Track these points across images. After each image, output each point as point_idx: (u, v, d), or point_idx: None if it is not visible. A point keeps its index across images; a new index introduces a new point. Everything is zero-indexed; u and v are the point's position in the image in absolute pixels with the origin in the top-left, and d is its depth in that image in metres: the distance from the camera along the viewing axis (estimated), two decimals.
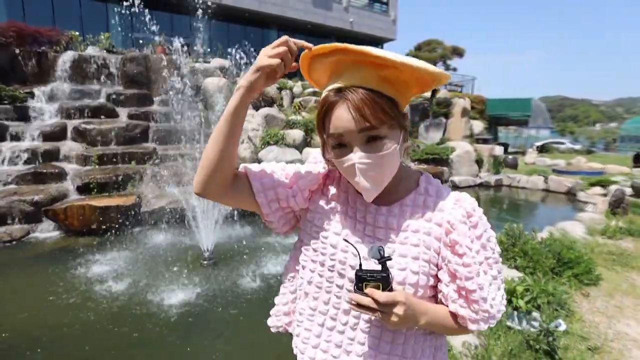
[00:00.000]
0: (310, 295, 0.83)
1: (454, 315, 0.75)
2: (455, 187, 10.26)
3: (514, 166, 13.00)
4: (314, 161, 0.88)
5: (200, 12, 10.07)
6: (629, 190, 7.48)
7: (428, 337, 0.79)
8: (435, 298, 0.78)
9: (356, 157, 0.69)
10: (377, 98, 0.68)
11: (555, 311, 2.45)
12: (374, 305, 0.64)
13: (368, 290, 0.66)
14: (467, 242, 0.71)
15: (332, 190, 0.85)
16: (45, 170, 6.11)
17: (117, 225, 5.26)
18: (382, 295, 0.64)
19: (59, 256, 4.46)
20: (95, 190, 5.92)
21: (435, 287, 0.77)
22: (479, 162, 11.44)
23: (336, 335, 0.79)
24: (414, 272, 0.73)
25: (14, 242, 4.92)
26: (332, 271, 0.79)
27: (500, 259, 0.77)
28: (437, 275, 0.76)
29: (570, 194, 9.47)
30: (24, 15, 12.74)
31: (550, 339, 2.13)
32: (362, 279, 0.67)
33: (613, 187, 8.28)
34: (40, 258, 4.44)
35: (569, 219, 5.70)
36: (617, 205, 5.71)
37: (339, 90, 0.70)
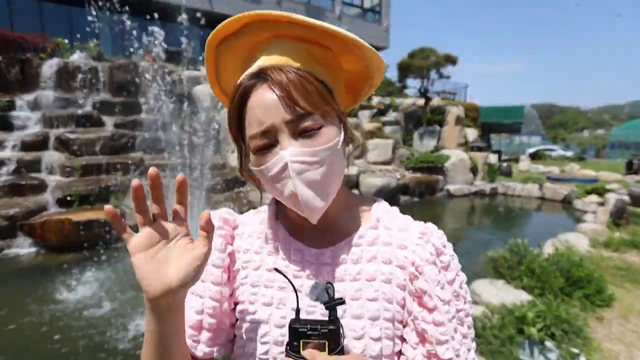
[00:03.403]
0: None
1: None
2: (450, 195, 10.13)
3: (508, 174, 12.95)
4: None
5: (191, 20, 9.90)
6: (626, 199, 7.39)
7: None
8: None
9: (288, 153, 0.50)
10: (308, 77, 0.51)
11: (571, 340, 2.25)
12: None
13: (307, 352, 0.45)
14: (438, 292, 0.54)
15: (247, 245, 0.63)
16: (24, 182, 5.80)
17: (98, 241, 4.95)
18: None
19: (33, 275, 4.16)
20: (77, 203, 5.62)
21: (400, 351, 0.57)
22: (474, 170, 11.35)
23: None
24: (375, 339, 0.54)
25: None
26: (265, 350, 0.56)
27: (471, 311, 0.59)
28: (402, 335, 0.57)
29: (566, 202, 9.40)
30: (12, 23, 12.44)
31: None
32: (299, 334, 0.46)
33: (609, 196, 8.22)
34: (12, 277, 4.15)
35: (568, 228, 5.57)
36: (619, 216, 5.59)
37: (255, 75, 0.52)
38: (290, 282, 0.51)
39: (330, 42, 0.55)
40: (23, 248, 4.95)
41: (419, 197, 9.41)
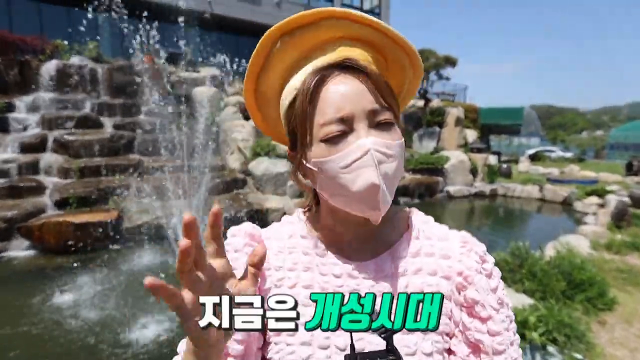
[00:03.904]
0: None
1: None
2: (450, 197, 10.11)
3: (508, 175, 12.93)
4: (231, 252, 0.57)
5: (191, 21, 9.89)
6: (627, 200, 7.37)
7: None
8: None
9: (369, 142, 0.47)
10: (383, 76, 0.52)
11: (573, 345, 2.22)
12: None
13: None
14: (490, 301, 0.52)
15: (278, 262, 0.57)
16: (21, 184, 5.77)
17: (96, 243, 4.92)
18: None
19: (31, 277, 4.13)
20: (75, 204, 5.58)
21: None
22: (474, 171, 11.33)
23: None
24: (427, 354, 0.51)
25: None
26: None
27: (514, 316, 0.57)
28: (449, 348, 0.55)
29: (566, 204, 9.38)
30: (10, 24, 12.42)
31: None
32: None
33: (609, 197, 8.20)
34: (9, 279, 4.12)
35: (568, 230, 5.55)
36: (620, 218, 5.57)
37: (336, 64, 0.50)
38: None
39: (390, 51, 0.55)
40: (21, 250, 4.92)
41: (419, 198, 9.39)
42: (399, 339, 0.49)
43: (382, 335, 0.45)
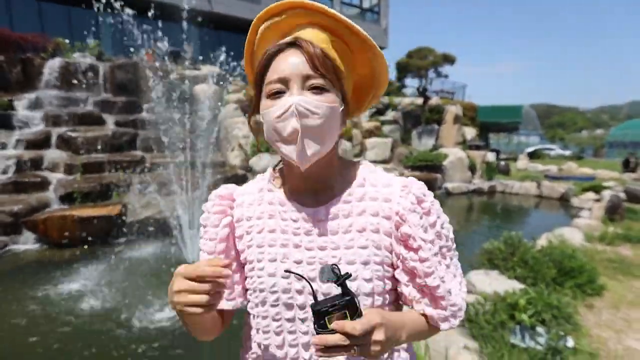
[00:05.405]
0: (262, 344, 0.69)
1: (423, 317, 0.67)
2: (449, 193, 10.20)
3: (506, 172, 13.03)
4: (203, 220, 0.73)
5: (191, 19, 9.96)
6: (622, 196, 7.47)
7: (402, 351, 0.70)
8: (397, 303, 0.70)
9: (295, 98, 0.59)
10: (329, 56, 0.62)
11: (561, 326, 2.32)
12: (348, 342, 0.51)
13: (334, 324, 0.51)
14: (421, 234, 0.63)
15: (249, 212, 0.71)
16: (26, 180, 5.86)
17: (100, 237, 5.02)
18: (356, 326, 0.51)
19: (36, 270, 4.22)
20: (79, 199, 5.69)
21: (395, 290, 0.68)
22: (472, 168, 11.42)
23: None
24: (367, 280, 0.64)
25: None
26: (276, 305, 0.66)
27: (454, 246, 0.69)
28: (393, 276, 0.67)
29: (564, 200, 9.47)
30: (11, 22, 12.48)
31: (558, 358, 1.99)
32: (322, 313, 0.53)
33: (606, 193, 8.30)
34: (16, 272, 4.20)
35: (563, 224, 5.64)
36: (613, 211, 5.67)
37: (289, 42, 0.63)
38: (304, 278, 0.57)
39: (350, 38, 0.65)
40: (26, 244, 5.01)
41: None
42: (342, 270, 0.60)
43: (337, 283, 0.54)
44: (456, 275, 0.67)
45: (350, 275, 0.55)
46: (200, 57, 11.64)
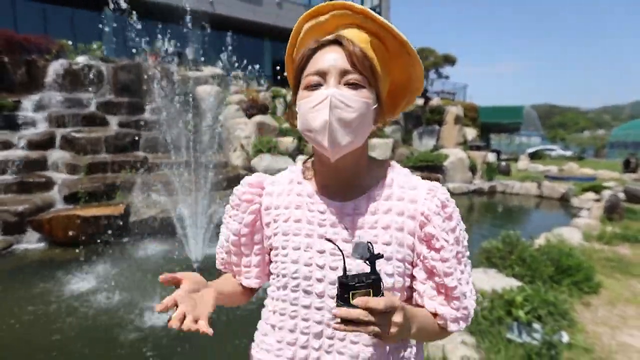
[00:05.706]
0: (276, 326, 0.74)
1: (433, 316, 0.69)
2: (450, 193, 10.15)
3: (507, 173, 13.06)
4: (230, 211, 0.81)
5: (194, 21, 10.04)
6: (621, 196, 7.50)
7: (408, 348, 0.72)
8: (410, 301, 0.72)
9: (332, 90, 0.63)
10: (367, 54, 0.66)
11: (556, 322, 2.37)
12: (369, 318, 0.52)
13: (358, 300, 0.53)
14: (444, 235, 0.66)
15: (278, 201, 0.76)
16: (31, 180, 5.94)
17: (104, 236, 5.09)
18: (380, 302, 0.52)
19: (41, 269, 4.28)
20: (83, 199, 5.76)
21: (411, 287, 0.71)
22: (473, 168, 11.46)
23: None
24: (389, 275, 0.67)
25: None
26: (295, 291, 0.70)
27: (468, 254, 0.72)
28: (412, 274, 0.70)
29: (564, 200, 9.51)
30: (15, 24, 12.59)
31: (553, 352, 2.04)
32: (349, 287, 0.54)
33: (606, 193, 8.33)
34: (21, 271, 4.26)
35: (563, 224, 5.67)
36: (612, 211, 5.70)
37: (331, 40, 0.67)
38: (339, 248, 0.59)
39: (390, 42, 0.69)
40: (31, 243, 5.08)
41: None
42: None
43: (368, 260, 0.56)
44: (469, 282, 0.70)
45: (383, 255, 0.57)
46: (203, 58, 11.73)
